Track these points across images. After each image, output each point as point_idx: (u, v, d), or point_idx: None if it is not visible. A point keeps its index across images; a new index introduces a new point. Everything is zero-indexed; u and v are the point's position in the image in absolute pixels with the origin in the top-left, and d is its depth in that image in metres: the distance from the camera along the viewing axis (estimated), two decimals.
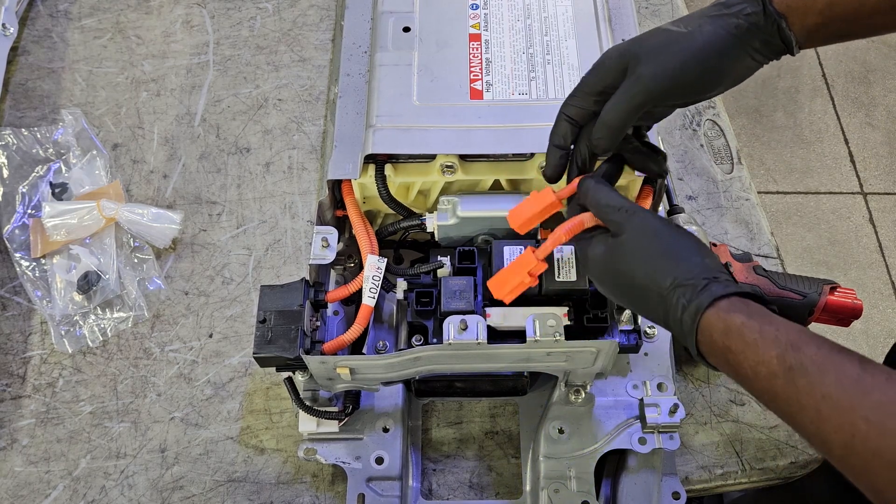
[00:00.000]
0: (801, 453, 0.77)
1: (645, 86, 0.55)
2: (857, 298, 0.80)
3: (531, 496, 0.74)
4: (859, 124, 2.14)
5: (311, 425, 0.72)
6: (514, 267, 0.61)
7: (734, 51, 0.56)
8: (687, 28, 0.56)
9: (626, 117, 0.57)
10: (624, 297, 0.56)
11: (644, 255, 0.54)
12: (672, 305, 0.51)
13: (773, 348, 0.46)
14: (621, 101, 0.56)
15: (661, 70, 0.55)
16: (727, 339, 0.48)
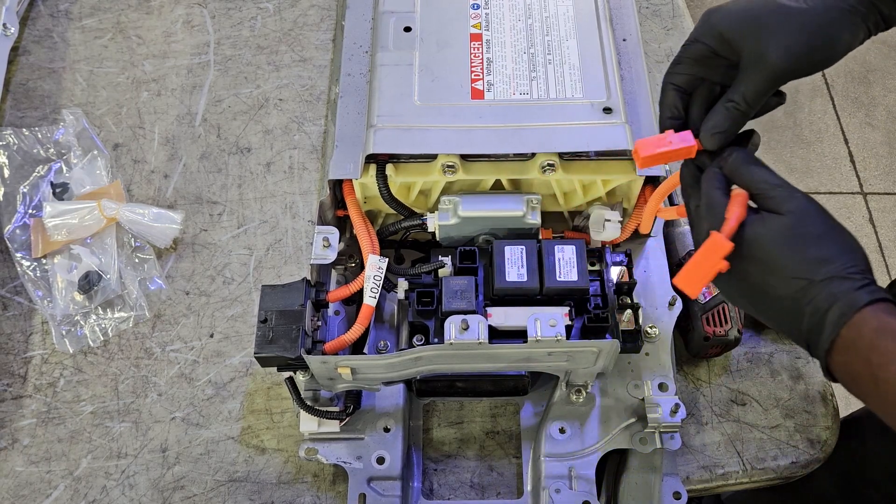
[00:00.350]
0: (801, 453, 0.77)
1: (772, 68, 0.53)
2: None
3: (532, 496, 0.74)
4: (859, 124, 2.14)
5: (312, 425, 0.72)
6: (702, 256, 0.53)
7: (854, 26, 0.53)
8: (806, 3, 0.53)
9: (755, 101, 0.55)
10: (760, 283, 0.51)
11: (803, 238, 0.50)
12: (819, 296, 0.48)
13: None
14: (749, 86, 0.54)
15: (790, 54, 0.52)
16: (877, 338, 0.45)
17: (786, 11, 0.53)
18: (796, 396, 0.80)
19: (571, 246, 0.69)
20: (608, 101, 0.72)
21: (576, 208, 0.77)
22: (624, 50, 0.81)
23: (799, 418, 0.79)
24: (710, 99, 0.58)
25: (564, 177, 0.71)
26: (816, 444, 0.78)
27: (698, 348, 0.78)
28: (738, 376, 0.81)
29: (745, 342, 0.81)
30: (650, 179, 0.73)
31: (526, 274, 0.67)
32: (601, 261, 0.72)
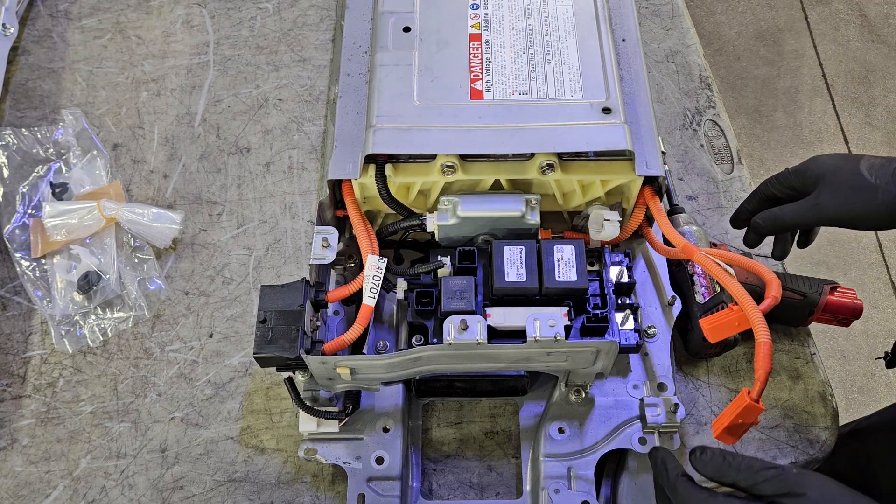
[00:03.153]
0: (801, 453, 0.77)
1: (820, 212, 0.68)
2: (857, 298, 0.80)
3: (531, 496, 0.74)
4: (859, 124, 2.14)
5: (311, 425, 0.72)
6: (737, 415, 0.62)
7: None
8: (876, 180, 0.65)
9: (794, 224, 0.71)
10: None
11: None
12: None
13: None
14: (798, 213, 0.70)
15: (839, 208, 0.67)
16: None
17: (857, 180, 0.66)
18: (795, 396, 0.80)
19: (570, 246, 0.69)
20: (607, 102, 0.72)
21: (575, 208, 0.77)
22: (623, 50, 0.81)
23: (798, 418, 0.79)
24: None
25: (563, 177, 0.71)
26: (816, 444, 0.78)
27: (698, 348, 0.78)
28: (737, 376, 0.81)
29: (744, 342, 0.81)
30: (649, 180, 0.73)
31: (525, 274, 0.67)
32: (600, 261, 0.72)
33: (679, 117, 0.99)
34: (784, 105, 2.17)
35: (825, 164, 0.69)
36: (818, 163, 0.70)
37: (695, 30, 1.08)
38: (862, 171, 0.66)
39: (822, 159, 0.70)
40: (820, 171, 0.69)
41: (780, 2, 2.40)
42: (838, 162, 0.69)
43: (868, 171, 0.66)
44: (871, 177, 0.65)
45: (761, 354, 0.61)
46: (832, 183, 0.67)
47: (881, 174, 0.65)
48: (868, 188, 0.65)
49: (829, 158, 0.70)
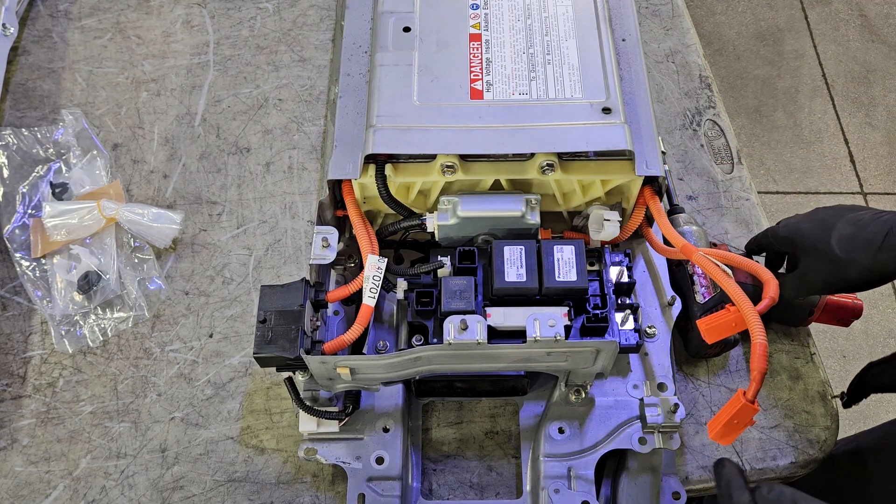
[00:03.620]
0: (801, 453, 0.77)
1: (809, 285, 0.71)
2: (857, 298, 0.80)
3: (531, 496, 0.74)
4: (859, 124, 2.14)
5: (311, 425, 0.72)
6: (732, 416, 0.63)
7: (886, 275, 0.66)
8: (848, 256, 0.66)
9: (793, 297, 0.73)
10: None
11: None
12: None
13: None
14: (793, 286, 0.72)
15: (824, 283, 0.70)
16: None
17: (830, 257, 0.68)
18: (795, 396, 0.80)
19: (570, 246, 0.69)
20: (607, 102, 0.72)
21: (575, 208, 0.77)
22: (623, 50, 0.81)
23: (798, 418, 0.79)
24: None
25: (563, 177, 0.71)
26: (815, 444, 0.78)
27: (697, 348, 0.78)
28: (737, 376, 0.81)
29: (744, 342, 0.81)
30: (649, 180, 0.73)
31: (525, 274, 0.67)
32: (600, 261, 0.72)
33: (679, 117, 0.99)
34: (784, 105, 2.17)
35: (803, 235, 0.71)
36: (796, 232, 0.72)
37: (695, 30, 1.08)
38: (833, 246, 0.68)
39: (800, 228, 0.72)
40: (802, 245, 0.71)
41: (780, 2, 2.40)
42: (813, 233, 0.70)
43: (838, 247, 0.67)
44: (842, 252, 0.67)
45: (757, 355, 0.62)
46: (812, 258, 0.70)
47: (851, 249, 0.66)
48: (842, 265, 0.67)
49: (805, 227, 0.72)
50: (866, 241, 0.66)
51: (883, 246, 0.64)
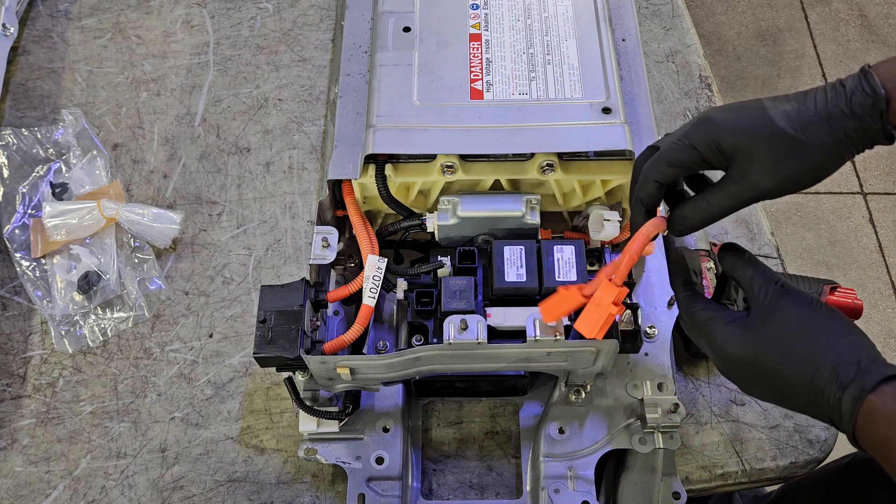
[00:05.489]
0: (801, 453, 0.77)
1: (756, 192, 0.56)
2: (857, 298, 0.80)
3: (531, 496, 0.74)
4: None
5: (311, 425, 0.72)
6: (596, 302, 0.58)
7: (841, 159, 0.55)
8: (804, 134, 0.54)
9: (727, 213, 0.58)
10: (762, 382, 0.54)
11: (798, 338, 0.52)
12: (828, 388, 0.50)
13: None
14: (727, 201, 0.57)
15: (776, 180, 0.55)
16: (891, 430, 0.47)
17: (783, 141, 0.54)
18: None
19: (570, 246, 0.69)
20: (607, 102, 0.72)
21: (575, 208, 0.77)
22: (623, 50, 0.81)
23: (798, 418, 0.79)
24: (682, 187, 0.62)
25: (563, 177, 0.71)
26: (815, 445, 0.78)
27: (698, 348, 0.78)
28: None
29: None
30: None
31: (525, 274, 0.67)
32: (600, 261, 0.72)
33: (679, 117, 0.99)
34: None
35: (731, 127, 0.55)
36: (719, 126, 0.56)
37: (695, 30, 1.08)
38: (782, 126, 0.54)
39: (720, 119, 0.56)
40: (730, 140, 0.55)
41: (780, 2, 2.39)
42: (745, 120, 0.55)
43: (788, 124, 0.54)
44: (797, 131, 0.54)
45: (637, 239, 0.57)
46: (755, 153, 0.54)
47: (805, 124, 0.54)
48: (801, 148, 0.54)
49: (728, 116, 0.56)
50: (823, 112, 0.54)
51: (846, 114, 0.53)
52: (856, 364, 0.50)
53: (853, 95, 0.53)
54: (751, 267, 0.58)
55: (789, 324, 0.53)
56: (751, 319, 0.55)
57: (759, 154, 0.54)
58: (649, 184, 0.59)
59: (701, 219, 0.59)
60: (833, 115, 0.54)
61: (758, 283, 0.56)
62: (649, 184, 0.59)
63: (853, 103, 0.53)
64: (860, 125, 0.53)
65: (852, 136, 0.54)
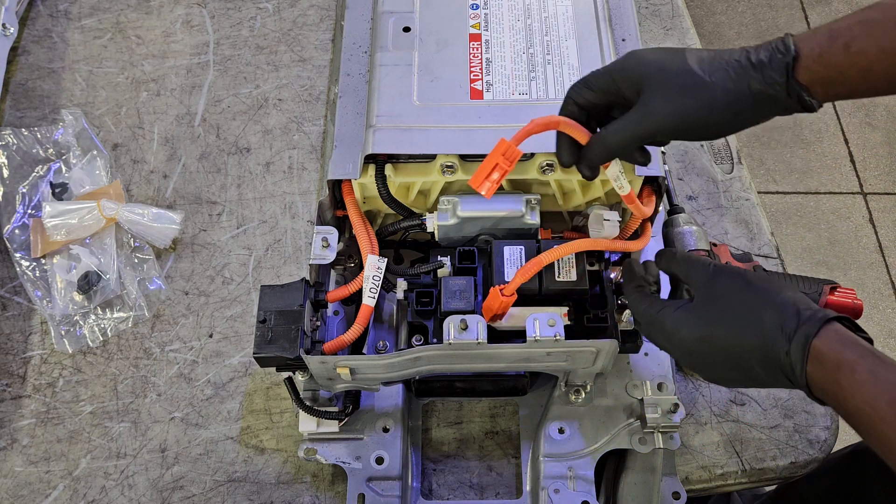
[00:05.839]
0: (801, 453, 0.77)
1: (655, 123, 0.56)
2: (857, 298, 0.80)
3: (531, 496, 0.74)
4: (859, 124, 2.14)
5: (311, 425, 0.72)
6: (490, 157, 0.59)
7: (751, 112, 0.56)
8: (711, 77, 0.55)
9: (628, 142, 0.58)
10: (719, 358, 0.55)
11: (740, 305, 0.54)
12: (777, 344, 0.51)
13: (886, 393, 0.46)
14: (627, 129, 0.58)
15: (675, 114, 0.56)
16: (838, 374, 0.48)
17: (689, 78, 0.55)
18: (795, 396, 0.80)
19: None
20: None
21: (575, 208, 0.77)
22: (623, 50, 0.80)
23: (798, 418, 0.79)
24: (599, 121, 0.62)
25: (563, 177, 0.71)
26: (815, 445, 0.78)
27: None
28: None
29: None
30: (649, 179, 0.73)
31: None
32: (600, 261, 0.72)
33: None
34: None
35: (647, 59, 0.57)
36: (638, 59, 0.58)
37: (695, 30, 1.08)
38: (692, 66, 0.55)
39: (643, 54, 0.58)
40: (643, 70, 0.57)
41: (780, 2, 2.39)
42: (663, 57, 0.57)
43: (699, 67, 0.55)
44: (705, 73, 0.55)
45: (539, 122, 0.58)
46: (660, 84, 0.56)
47: (714, 69, 0.55)
48: (703, 87, 0.55)
49: (650, 53, 0.58)
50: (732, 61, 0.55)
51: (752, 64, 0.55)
52: (796, 315, 0.51)
53: (763, 49, 0.55)
54: (683, 259, 0.61)
55: (729, 295, 0.55)
56: (696, 303, 0.57)
57: (664, 86, 0.56)
58: (569, 103, 0.61)
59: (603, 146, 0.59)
60: (740, 63, 0.55)
61: (694, 271, 0.59)
62: (569, 103, 0.61)
63: (761, 55, 0.55)
64: (763, 76, 0.54)
65: (757, 89, 0.54)
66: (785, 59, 0.53)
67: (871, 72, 0.53)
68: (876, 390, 0.46)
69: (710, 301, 0.56)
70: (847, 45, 0.52)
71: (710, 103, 0.55)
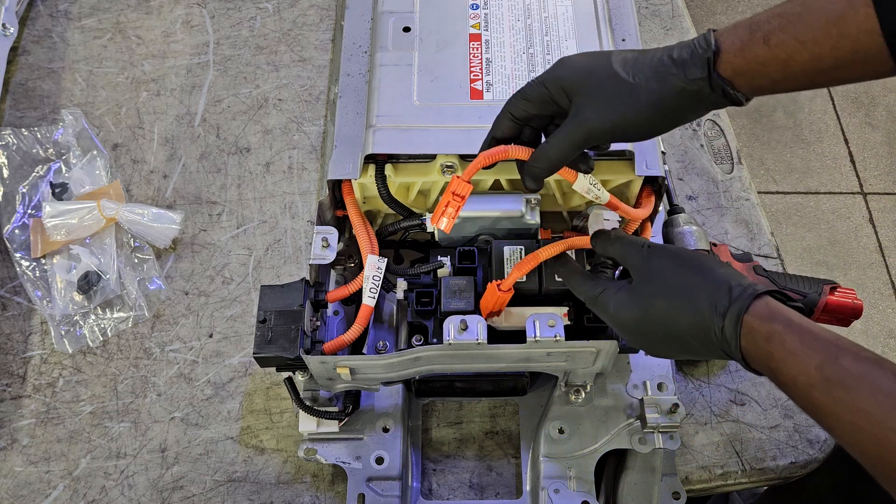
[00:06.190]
0: (801, 453, 0.77)
1: (588, 131, 0.57)
2: (857, 298, 0.80)
3: (531, 496, 0.74)
4: (859, 124, 2.14)
5: (311, 425, 0.72)
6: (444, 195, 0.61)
7: (679, 110, 0.57)
8: (635, 79, 0.56)
9: (566, 153, 0.59)
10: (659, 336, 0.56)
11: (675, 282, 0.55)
12: (712, 320, 0.52)
13: (813, 358, 0.47)
14: (563, 140, 0.58)
15: (604, 119, 0.56)
16: (769, 346, 0.49)
17: (614, 83, 0.56)
18: None
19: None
20: None
21: (575, 208, 0.77)
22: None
23: (798, 418, 0.79)
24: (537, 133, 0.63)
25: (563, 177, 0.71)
26: (815, 444, 0.78)
27: None
28: (737, 376, 0.81)
29: None
30: (649, 180, 0.73)
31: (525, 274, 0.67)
32: None
33: None
34: (784, 105, 2.17)
35: (575, 67, 0.58)
36: (567, 66, 0.59)
37: (695, 30, 1.08)
38: (617, 70, 0.56)
39: (571, 61, 0.59)
40: (572, 78, 0.57)
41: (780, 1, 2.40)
42: (589, 63, 0.58)
43: (623, 70, 0.56)
44: (629, 75, 0.56)
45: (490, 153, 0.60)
46: (588, 92, 0.57)
47: (638, 70, 0.56)
48: (629, 90, 0.55)
49: (578, 59, 0.59)
50: (655, 60, 0.56)
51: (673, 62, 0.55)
52: (728, 292, 0.52)
53: (685, 46, 0.55)
54: (619, 241, 0.61)
55: (665, 273, 0.56)
56: (634, 283, 0.58)
57: (592, 93, 0.57)
58: (504, 115, 0.62)
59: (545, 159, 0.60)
60: (663, 62, 0.55)
61: (629, 252, 0.59)
62: (504, 115, 0.62)
63: (682, 52, 0.55)
64: (685, 73, 0.54)
65: (680, 87, 0.55)
66: (706, 55, 0.54)
67: (790, 64, 0.53)
68: (804, 357, 0.48)
69: (646, 281, 0.57)
70: (766, 38, 0.53)
71: (636, 106, 0.55)
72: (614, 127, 0.57)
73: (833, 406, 0.46)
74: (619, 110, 0.56)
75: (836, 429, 0.46)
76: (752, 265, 0.79)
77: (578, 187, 0.64)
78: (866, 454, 0.45)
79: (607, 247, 0.62)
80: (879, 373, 0.45)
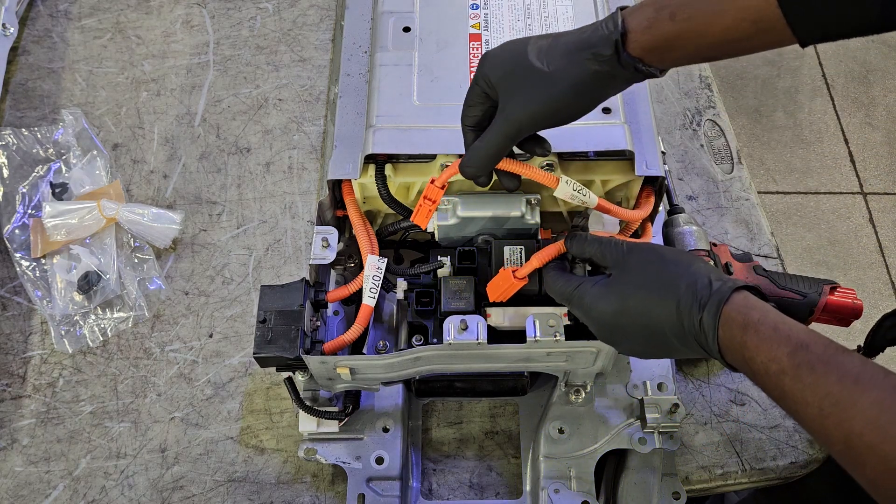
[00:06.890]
0: (801, 453, 0.77)
1: (515, 123, 0.58)
2: (857, 298, 0.80)
3: (531, 496, 0.74)
4: (859, 124, 2.14)
5: (311, 425, 0.72)
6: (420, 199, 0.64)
7: (595, 91, 0.58)
8: (549, 67, 0.57)
9: (499, 147, 0.60)
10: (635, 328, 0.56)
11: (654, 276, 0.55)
12: (691, 311, 0.52)
13: (786, 346, 0.48)
14: (494, 136, 0.60)
15: (528, 111, 0.58)
16: (745, 335, 0.50)
17: (531, 73, 0.57)
18: None
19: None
20: (607, 102, 0.72)
21: (575, 208, 0.77)
22: None
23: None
24: None
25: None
26: (815, 444, 0.78)
27: None
28: (737, 376, 0.81)
29: None
30: (649, 180, 0.73)
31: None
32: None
33: (679, 117, 0.99)
34: (784, 105, 2.17)
35: (495, 62, 0.59)
36: (488, 62, 0.59)
37: None
38: (532, 61, 0.57)
39: (491, 56, 0.60)
40: (493, 74, 0.59)
41: None
42: (508, 56, 0.59)
43: (538, 59, 0.57)
44: (543, 64, 0.57)
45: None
46: (508, 86, 0.58)
47: (552, 58, 0.57)
48: (546, 79, 0.56)
49: (497, 53, 0.60)
50: (566, 45, 0.57)
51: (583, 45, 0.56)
52: (708, 284, 0.52)
53: (594, 28, 0.57)
54: (596, 241, 0.62)
55: (644, 267, 0.56)
56: (612, 278, 0.58)
57: (512, 87, 0.58)
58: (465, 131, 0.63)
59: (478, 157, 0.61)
60: (575, 46, 0.57)
61: (607, 251, 0.60)
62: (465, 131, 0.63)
63: (591, 34, 0.56)
64: (595, 55, 0.56)
65: (593, 68, 0.56)
66: (613, 36, 0.55)
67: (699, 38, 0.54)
68: (777, 344, 0.48)
69: (625, 275, 0.57)
70: (673, 15, 0.54)
71: (555, 93, 0.57)
72: (539, 115, 0.58)
73: (802, 392, 0.46)
74: (540, 99, 0.57)
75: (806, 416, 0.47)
76: (752, 265, 0.79)
77: (561, 194, 0.65)
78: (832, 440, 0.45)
79: (584, 247, 0.62)
80: (847, 358, 0.46)
